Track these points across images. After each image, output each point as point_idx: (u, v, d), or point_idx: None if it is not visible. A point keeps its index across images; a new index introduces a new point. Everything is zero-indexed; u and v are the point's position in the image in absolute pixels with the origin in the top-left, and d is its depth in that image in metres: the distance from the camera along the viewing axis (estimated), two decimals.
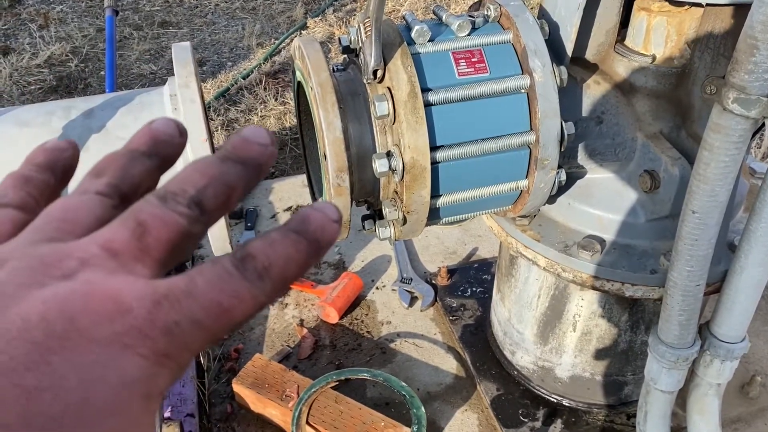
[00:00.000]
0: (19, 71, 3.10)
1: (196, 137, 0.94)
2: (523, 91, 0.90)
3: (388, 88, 0.86)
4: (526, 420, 1.31)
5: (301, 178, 2.06)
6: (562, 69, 0.90)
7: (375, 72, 0.85)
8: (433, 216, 0.95)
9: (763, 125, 0.77)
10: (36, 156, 0.32)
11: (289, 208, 1.95)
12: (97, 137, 0.99)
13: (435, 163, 0.88)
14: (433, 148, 0.87)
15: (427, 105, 0.86)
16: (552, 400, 1.34)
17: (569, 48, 0.96)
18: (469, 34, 0.91)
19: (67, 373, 0.22)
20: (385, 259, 1.76)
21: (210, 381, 1.43)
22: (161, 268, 0.26)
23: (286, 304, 1.63)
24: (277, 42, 3.33)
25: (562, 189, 1.01)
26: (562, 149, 0.92)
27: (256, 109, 2.82)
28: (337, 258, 1.78)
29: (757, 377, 1.34)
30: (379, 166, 0.86)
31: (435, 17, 0.95)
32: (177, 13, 3.73)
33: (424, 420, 1.24)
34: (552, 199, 1.02)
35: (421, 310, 1.60)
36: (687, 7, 0.93)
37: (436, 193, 0.91)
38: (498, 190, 0.94)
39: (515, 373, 1.38)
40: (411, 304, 1.61)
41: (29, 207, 0.30)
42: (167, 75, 3.03)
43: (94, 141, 0.98)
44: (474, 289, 1.63)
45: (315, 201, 1.04)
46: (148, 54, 3.32)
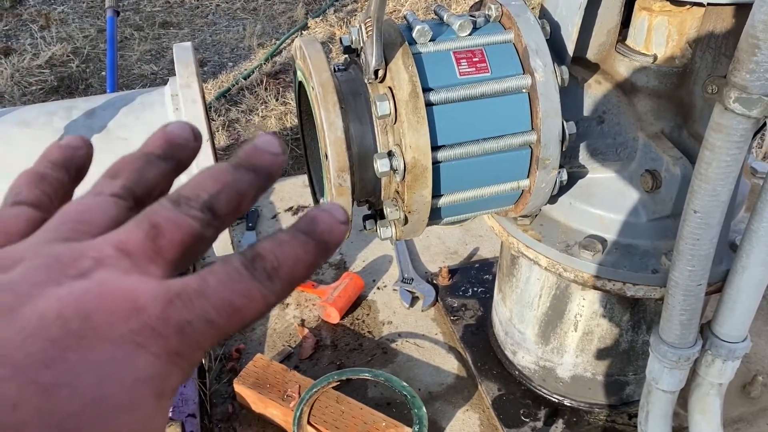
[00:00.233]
0: (21, 72, 3.10)
1: None
2: (524, 90, 0.90)
3: (390, 88, 0.86)
4: (527, 420, 1.31)
5: (302, 179, 2.06)
6: (564, 69, 0.90)
7: (376, 72, 0.85)
8: (435, 216, 0.95)
9: (764, 125, 0.77)
10: (51, 153, 0.32)
11: (290, 209, 1.95)
12: (99, 137, 0.99)
13: (436, 162, 0.88)
14: (435, 148, 0.87)
15: (429, 105, 0.86)
16: (553, 400, 1.34)
17: (570, 48, 0.96)
18: (470, 34, 0.91)
19: (83, 370, 0.22)
20: (386, 259, 1.76)
21: (211, 381, 1.43)
22: (173, 269, 0.26)
23: (287, 304, 1.63)
24: (278, 42, 3.33)
25: (563, 189, 1.01)
26: (564, 149, 0.92)
27: (257, 110, 2.82)
28: (338, 258, 1.78)
29: (758, 377, 1.34)
30: (381, 166, 0.86)
31: (436, 17, 0.95)
32: (178, 13, 3.73)
33: (425, 420, 1.24)
34: (553, 198, 1.02)
35: (422, 310, 1.60)
36: (688, 6, 0.93)
37: (437, 193, 0.91)
38: (499, 189, 0.94)
39: (516, 373, 1.38)
40: (412, 304, 1.61)
41: (44, 205, 0.30)
42: (168, 75, 3.03)
43: (95, 141, 0.97)
44: (475, 289, 1.62)
45: (316, 201, 1.04)
46: (149, 54, 3.32)
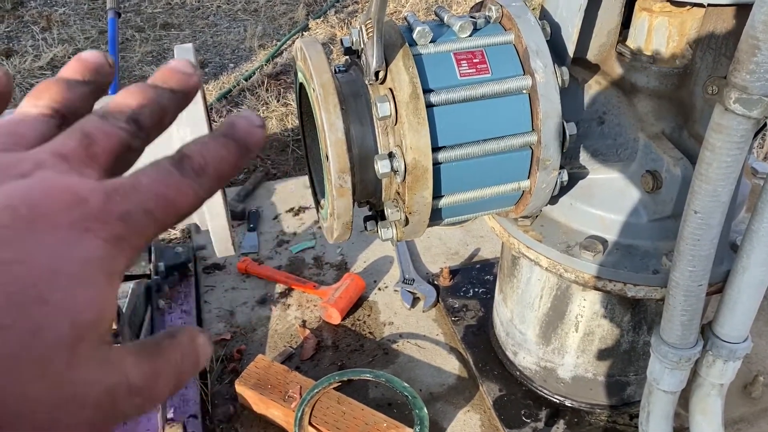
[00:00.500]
0: (22, 73, 3.11)
1: None
2: (524, 91, 0.90)
3: (390, 89, 0.86)
4: (528, 420, 1.31)
5: (303, 180, 2.06)
6: (564, 69, 0.90)
7: (377, 73, 0.85)
8: (435, 217, 0.95)
9: (764, 125, 0.77)
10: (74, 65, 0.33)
11: (291, 209, 1.95)
12: None
13: (437, 164, 0.88)
14: (435, 149, 0.87)
15: (429, 106, 0.86)
16: (554, 400, 1.34)
17: (571, 48, 0.97)
18: (470, 35, 0.91)
19: (36, 249, 0.24)
20: (387, 260, 1.76)
21: (213, 382, 1.43)
22: (107, 175, 0.28)
23: (289, 305, 1.63)
24: (278, 43, 3.33)
25: (564, 189, 1.01)
26: (564, 150, 0.92)
27: (258, 111, 2.82)
28: (339, 259, 1.78)
29: (759, 377, 1.34)
30: (381, 167, 0.86)
31: (437, 18, 0.95)
32: (179, 15, 3.73)
33: (426, 421, 1.24)
34: (554, 199, 1.02)
35: (423, 311, 1.60)
36: (688, 7, 0.93)
37: (438, 194, 0.91)
38: (500, 190, 0.94)
39: (517, 373, 1.38)
40: (413, 304, 1.61)
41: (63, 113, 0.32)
42: None
43: None
44: (476, 289, 1.63)
45: (317, 202, 1.04)
46: (151, 56, 3.33)
